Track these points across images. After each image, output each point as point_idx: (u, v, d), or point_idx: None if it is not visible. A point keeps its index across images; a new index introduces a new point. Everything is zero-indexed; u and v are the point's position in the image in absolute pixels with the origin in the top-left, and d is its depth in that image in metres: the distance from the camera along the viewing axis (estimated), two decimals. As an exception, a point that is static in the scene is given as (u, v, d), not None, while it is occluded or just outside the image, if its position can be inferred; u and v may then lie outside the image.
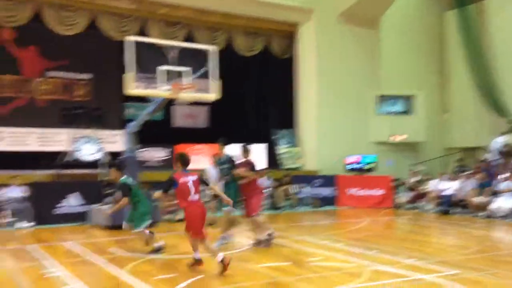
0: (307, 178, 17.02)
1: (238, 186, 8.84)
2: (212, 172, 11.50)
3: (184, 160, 7.00)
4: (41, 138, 17.54)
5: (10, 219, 12.37)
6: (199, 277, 6.59)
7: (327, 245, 9.08)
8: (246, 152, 9.02)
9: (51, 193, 13.09)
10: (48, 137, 17.55)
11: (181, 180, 6.77)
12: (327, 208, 16.30)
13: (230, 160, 8.97)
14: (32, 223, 12.27)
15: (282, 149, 18.85)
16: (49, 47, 17.53)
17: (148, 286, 6.15)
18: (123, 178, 8.63)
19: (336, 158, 17.44)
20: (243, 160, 8.96)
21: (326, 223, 13.44)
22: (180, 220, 11.96)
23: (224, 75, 12.31)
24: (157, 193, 7.11)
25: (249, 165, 8.85)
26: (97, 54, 17.85)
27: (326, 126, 18.28)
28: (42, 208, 12.78)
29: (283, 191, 16.04)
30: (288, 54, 19.40)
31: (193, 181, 6.85)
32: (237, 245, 8.98)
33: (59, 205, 13.01)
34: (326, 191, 16.89)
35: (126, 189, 8.42)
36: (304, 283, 6.28)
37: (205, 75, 12.14)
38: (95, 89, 18.77)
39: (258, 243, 8.85)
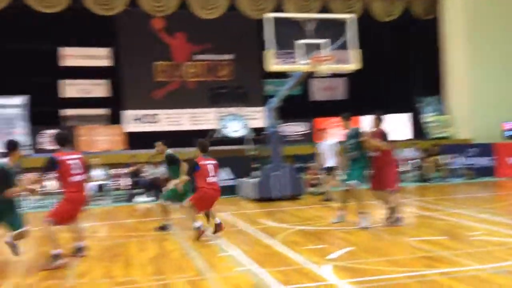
0: (459, 148, 15.76)
1: (368, 159, 7.98)
2: (324, 147, 11.28)
3: (203, 147, 7.83)
4: (192, 118, 19.04)
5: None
6: (349, 248, 6.55)
7: (487, 219, 8.31)
8: (378, 121, 8.11)
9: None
10: (198, 116, 18.96)
11: (201, 163, 7.61)
12: (484, 179, 14.93)
13: (357, 134, 8.06)
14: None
15: (428, 117, 17.69)
16: (194, 32, 18.75)
17: (299, 256, 6.30)
18: None
19: (492, 125, 15.82)
20: (375, 129, 8.09)
21: (483, 196, 12.32)
22: (321, 193, 12.04)
23: (362, 44, 11.86)
24: (184, 177, 7.95)
25: (382, 135, 7.96)
26: (237, 34, 18.60)
27: (480, 90, 16.63)
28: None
29: (432, 162, 15.09)
30: (432, 15, 17.96)
31: (213, 165, 7.68)
32: (375, 220, 8.64)
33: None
34: (482, 161, 15.47)
35: None
36: (464, 258, 5.83)
37: (343, 46, 11.81)
38: (237, 68, 19.63)
39: (395, 220, 7.94)
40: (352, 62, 11.82)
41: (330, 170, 11.18)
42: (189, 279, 5.55)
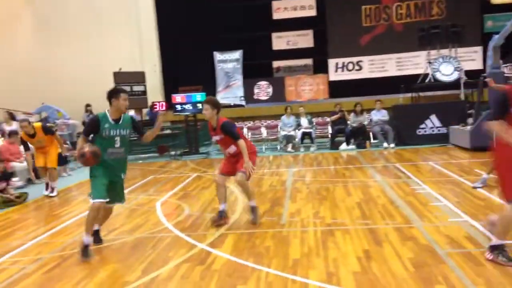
0: None
1: None
2: None
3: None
4: (398, 63, 18.18)
5: (375, 141, 13.61)
6: None
7: None
8: None
9: (411, 115, 13.53)
10: (405, 61, 18.00)
11: None
12: None
13: None
14: (393, 144, 13.09)
15: None
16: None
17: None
18: None
19: None
20: None
21: None
22: None
23: None
24: None
25: None
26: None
27: None
28: (403, 129, 13.43)
29: None
30: None
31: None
32: None
33: (420, 126, 13.35)
34: None
35: None
36: None
37: None
38: (450, 5, 17.79)
39: None
40: None
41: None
42: (396, 226, 5.52)
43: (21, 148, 9.92)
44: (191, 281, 4.23)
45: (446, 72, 14.58)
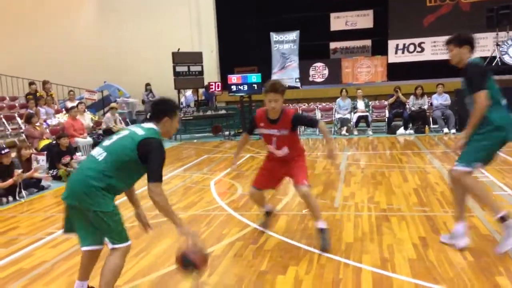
0: None
1: None
2: None
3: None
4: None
5: (435, 126, 13.10)
6: None
7: None
8: None
9: (475, 100, 12.87)
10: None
11: None
12: None
13: None
14: (454, 130, 12.55)
15: None
16: None
17: None
18: None
19: None
20: None
21: None
22: None
23: None
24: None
25: None
26: None
27: None
28: (465, 115, 12.81)
29: None
30: None
31: None
32: None
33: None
34: None
35: None
36: None
37: None
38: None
39: None
40: None
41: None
42: (454, 214, 5.32)
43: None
44: (244, 260, 4.29)
45: (515, 55, 13.72)
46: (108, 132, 11.99)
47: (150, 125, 3.40)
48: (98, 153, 3.30)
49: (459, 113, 12.82)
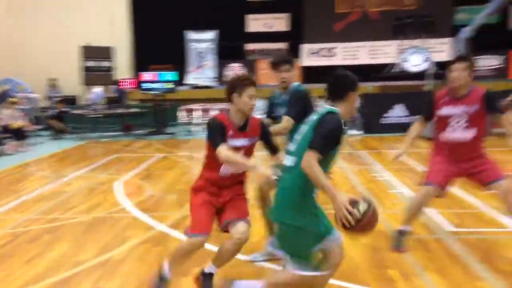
0: None
1: None
2: None
3: None
4: (371, 51, 18.29)
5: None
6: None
7: None
8: None
9: (379, 104, 13.68)
10: (377, 49, 18.12)
11: None
12: None
13: None
14: (361, 132, 13.23)
15: None
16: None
17: (476, 199, 5.80)
18: None
19: None
20: None
21: None
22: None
23: None
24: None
25: None
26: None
27: None
28: (370, 118, 13.57)
29: None
30: None
31: None
32: None
33: (385, 115, 13.53)
34: None
35: None
36: None
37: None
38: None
39: None
40: None
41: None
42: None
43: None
44: (146, 262, 4.17)
45: (415, 62, 14.78)
46: (8, 130, 11.15)
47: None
48: None
49: (365, 116, 13.54)
